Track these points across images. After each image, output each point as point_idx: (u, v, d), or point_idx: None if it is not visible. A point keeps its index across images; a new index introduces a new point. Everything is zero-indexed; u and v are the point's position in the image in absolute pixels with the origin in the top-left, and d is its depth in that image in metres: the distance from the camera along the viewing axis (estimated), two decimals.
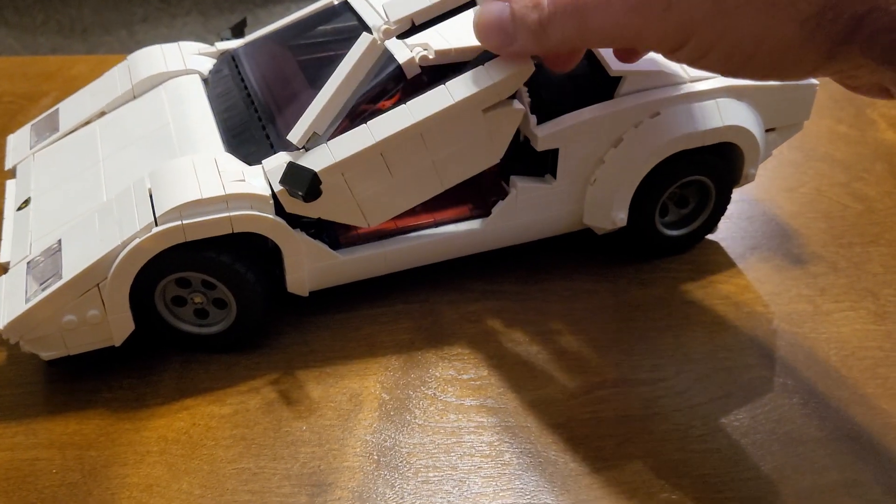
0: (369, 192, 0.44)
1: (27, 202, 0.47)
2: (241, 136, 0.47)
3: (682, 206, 0.53)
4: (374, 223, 0.46)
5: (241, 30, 0.57)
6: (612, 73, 0.47)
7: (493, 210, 0.49)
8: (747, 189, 0.60)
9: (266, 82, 0.50)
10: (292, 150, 0.43)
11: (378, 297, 0.50)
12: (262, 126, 0.47)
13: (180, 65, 0.53)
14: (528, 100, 0.46)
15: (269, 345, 0.47)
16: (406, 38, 0.44)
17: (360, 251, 0.47)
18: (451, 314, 0.49)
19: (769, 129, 0.53)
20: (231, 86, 0.51)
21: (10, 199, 0.49)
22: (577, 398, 0.44)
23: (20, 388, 0.44)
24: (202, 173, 0.42)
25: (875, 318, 0.50)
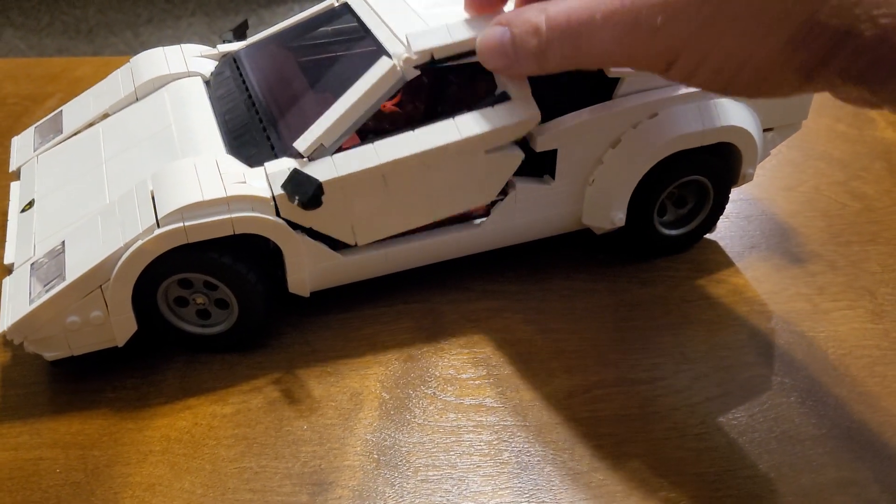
0: (364, 212, 0.45)
1: (31, 204, 0.48)
2: (243, 138, 0.47)
3: (681, 206, 0.53)
4: (361, 242, 0.46)
5: (242, 32, 0.57)
6: (611, 75, 0.47)
7: (493, 210, 0.49)
8: (746, 188, 0.60)
9: (267, 84, 0.50)
10: (295, 156, 0.44)
11: (379, 298, 0.50)
12: (264, 128, 0.47)
13: (182, 67, 0.53)
14: (529, 88, 0.46)
15: (270, 345, 0.47)
16: (423, 68, 0.45)
17: (361, 251, 0.47)
18: (451, 314, 0.50)
19: (767, 129, 0.54)
20: (233, 88, 0.51)
21: (14, 200, 0.49)
22: (575, 397, 0.45)
23: (24, 389, 0.45)
24: (203, 175, 0.43)
25: (873, 316, 0.50)
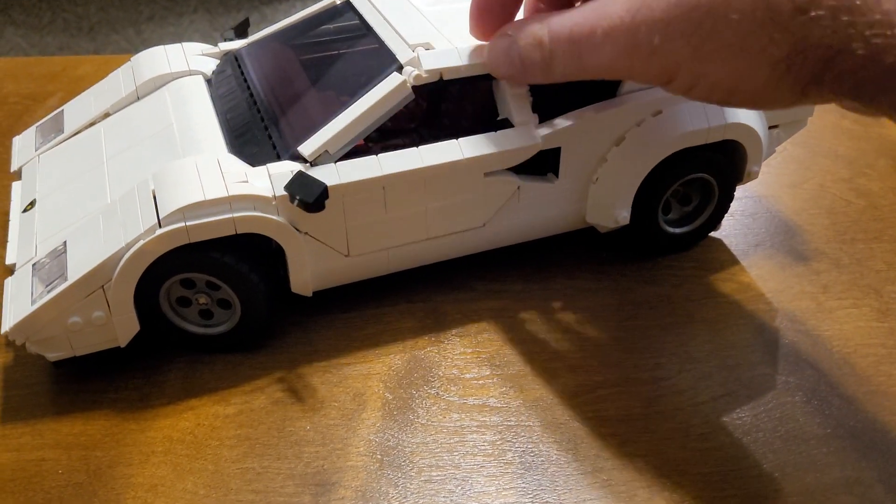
0: (360, 222, 0.45)
1: (32, 204, 0.48)
2: (244, 137, 0.47)
3: (685, 204, 0.53)
4: (353, 253, 0.46)
5: (244, 30, 0.57)
6: None
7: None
8: (750, 186, 0.60)
9: (269, 83, 0.50)
10: (299, 159, 0.44)
11: (381, 297, 0.50)
12: (265, 127, 0.47)
13: (184, 66, 0.53)
14: (530, 99, 0.46)
15: (273, 345, 0.47)
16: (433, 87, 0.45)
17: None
18: (454, 313, 0.49)
19: (773, 126, 0.53)
20: (234, 86, 0.51)
21: (15, 200, 0.49)
22: (579, 397, 0.44)
23: (26, 390, 0.45)
24: (205, 174, 0.42)
25: (878, 314, 0.49)
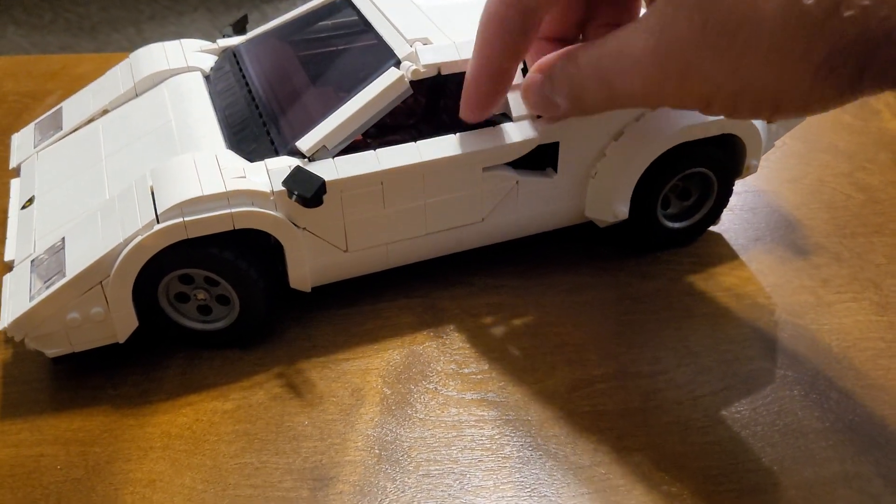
0: (358, 218, 0.45)
1: (31, 201, 0.48)
2: (243, 133, 0.47)
3: (685, 199, 0.53)
4: (352, 248, 0.46)
5: (242, 26, 0.57)
6: None
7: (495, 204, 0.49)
8: (750, 180, 0.59)
9: (267, 79, 0.50)
10: (297, 154, 0.44)
11: (380, 293, 0.50)
12: (264, 123, 0.47)
13: (182, 62, 0.53)
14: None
15: (271, 340, 0.47)
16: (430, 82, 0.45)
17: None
18: (452, 309, 0.49)
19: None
20: (232, 82, 0.51)
21: (14, 197, 0.49)
22: (577, 391, 0.44)
23: (25, 386, 0.45)
24: (203, 170, 0.42)
25: (877, 308, 0.49)
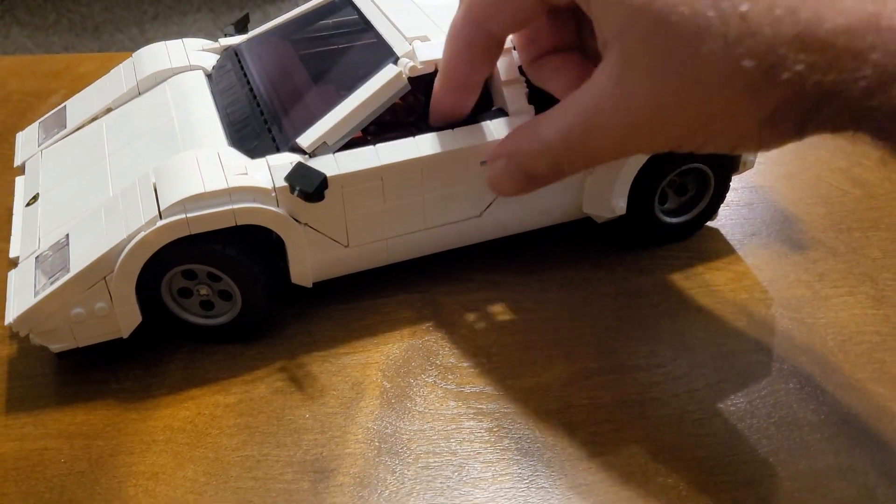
0: (359, 213, 0.46)
1: (35, 198, 0.48)
2: (244, 131, 0.47)
3: (682, 194, 0.53)
4: (353, 243, 0.47)
5: (244, 25, 0.58)
6: None
7: (493, 200, 0.49)
8: (747, 176, 0.60)
9: (268, 77, 0.51)
10: (297, 151, 0.44)
11: (380, 288, 0.51)
12: (265, 120, 0.47)
13: (184, 61, 0.54)
14: (526, 90, 0.47)
15: (273, 335, 0.48)
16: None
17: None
18: (451, 304, 0.50)
19: None
20: (234, 81, 0.52)
21: (19, 195, 0.50)
22: (574, 384, 0.45)
23: (30, 380, 0.45)
24: (205, 167, 0.43)
25: (873, 302, 0.50)
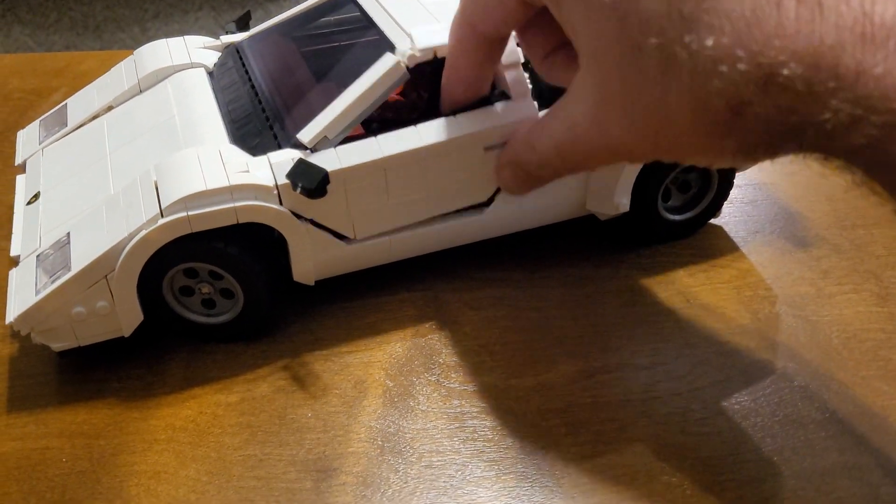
0: (363, 205, 0.45)
1: (37, 196, 0.48)
2: (246, 128, 0.47)
3: (685, 191, 0.53)
4: (360, 235, 0.47)
5: (245, 23, 0.58)
6: None
7: (496, 197, 0.49)
8: (750, 173, 0.60)
9: (270, 74, 0.51)
10: (299, 147, 0.44)
11: (382, 286, 0.51)
12: (267, 118, 0.47)
13: (185, 58, 0.54)
14: (529, 87, 0.46)
15: (275, 334, 0.48)
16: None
17: (366, 240, 0.47)
18: (454, 302, 0.50)
19: None
20: (235, 78, 0.52)
21: (20, 193, 0.50)
22: (577, 383, 0.45)
23: (31, 379, 0.45)
24: (207, 165, 0.43)
25: (877, 300, 0.50)
